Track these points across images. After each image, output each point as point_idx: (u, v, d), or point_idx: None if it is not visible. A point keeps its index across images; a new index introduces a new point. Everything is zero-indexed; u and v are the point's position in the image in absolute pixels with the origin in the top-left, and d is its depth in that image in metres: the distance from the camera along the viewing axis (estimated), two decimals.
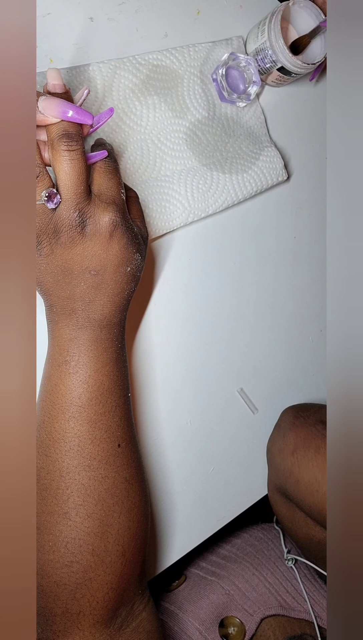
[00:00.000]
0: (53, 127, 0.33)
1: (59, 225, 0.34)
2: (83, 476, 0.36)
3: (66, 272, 0.36)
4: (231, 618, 0.49)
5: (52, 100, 0.33)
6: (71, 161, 0.33)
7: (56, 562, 0.35)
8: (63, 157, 0.33)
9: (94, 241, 0.35)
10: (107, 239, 0.35)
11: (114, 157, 0.38)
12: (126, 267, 0.37)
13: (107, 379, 0.37)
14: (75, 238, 0.34)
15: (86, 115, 0.33)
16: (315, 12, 0.50)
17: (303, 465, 0.47)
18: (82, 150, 0.34)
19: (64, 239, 0.34)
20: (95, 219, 0.35)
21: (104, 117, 0.36)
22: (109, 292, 0.37)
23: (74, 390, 0.36)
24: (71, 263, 0.35)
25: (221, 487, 0.52)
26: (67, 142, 0.33)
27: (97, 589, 0.36)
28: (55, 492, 0.36)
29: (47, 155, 0.35)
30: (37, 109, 0.33)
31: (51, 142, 0.33)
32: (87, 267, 0.35)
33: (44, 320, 0.41)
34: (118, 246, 0.36)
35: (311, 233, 0.58)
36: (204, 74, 0.49)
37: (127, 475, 0.38)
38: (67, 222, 0.34)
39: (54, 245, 0.35)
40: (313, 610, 0.50)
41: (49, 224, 0.34)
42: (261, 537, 0.60)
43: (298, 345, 0.58)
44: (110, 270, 0.36)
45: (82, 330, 0.37)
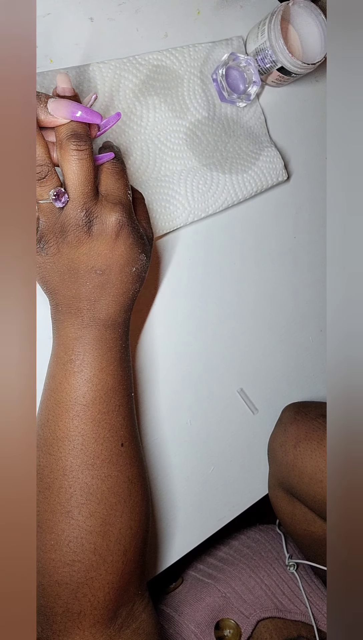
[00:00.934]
0: (62, 127, 0.34)
1: (66, 225, 0.34)
2: (86, 475, 0.36)
3: (72, 272, 0.36)
4: (227, 620, 0.49)
5: (61, 101, 0.33)
6: (79, 161, 0.33)
7: (57, 561, 0.35)
8: (72, 157, 0.33)
9: (100, 241, 0.35)
10: (114, 239, 0.35)
11: (122, 159, 0.38)
12: (132, 267, 0.37)
13: (111, 378, 0.38)
14: (81, 237, 0.35)
15: (94, 115, 0.34)
16: (315, 12, 0.50)
17: (307, 457, 0.47)
18: (90, 150, 0.34)
19: (71, 238, 0.35)
20: (102, 219, 0.35)
21: (111, 122, 0.37)
22: (115, 292, 0.37)
23: (79, 389, 0.37)
24: (77, 262, 0.35)
25: (221, 487, 0.52)
26: (76, 142, 0.33)
27: (98, 589, 0.36)
28: (58, 491, 0.36)
29: (55, 155, 0.35)
30: (46, 111, 0.33)
31: (60, 142, 0.34)
32: (93, 267, 0.36)
33: (44, 319, 0.41)
34: (124, 246, 0.36)
35: (311, 233, 0.58)
36: (205, 74, 0.49)
37: (129, 474, 0.38)
38: (74, 222, 0.34)
39: (60, 244, 0.35)
40: (311, 613, 0.50)
41: (56, 223, 0.35)
42: (259, 538, 0.60)
43: (298, 345, 0.58)
44: (116, 270, 0.36)
45: (87, 330, 0.37)
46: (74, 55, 0.44)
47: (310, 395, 0.58)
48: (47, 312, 0.41)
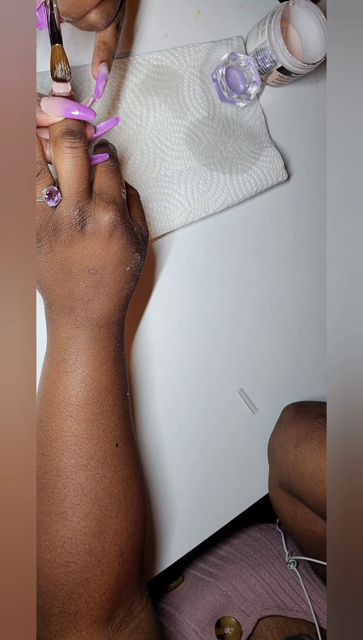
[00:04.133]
0: (57, 125, 0.33)
1: (59, 223, 0.34)
2: (80, 475, 0.36)
3: (65, 271, 0.36)
4: (228, 618, 0.49)
5: (55, 99, 0.33)
6: (73, 158, 0.33)
7: (52, 562, 0.35)
8: (66, 155, 0.33)
9: (93, 240, 0.35)
10: (107, 238, 0.35)
11: (116, 157, 0.38)
12: (126, 266, 0.37)
13: (105, 378, 0.37)
14: (75, 236, 0.35)
15: (88, 112, 0.33)
16: (315, 12, 0.50)
17: (307, 457, 0.47)
18: (85, 148, 0.34)
19: (64, 237, 0.34)
20: (95, 218, 0.35)
21: (108, 125, 0.37)
22: (108, 291, 0.37)
23: (72, 389, 0.36)
24: (70, 261, 0.35)
25: (221, 487, 0.52)
26: (71, 139, 0.33)
27: (94, 589, 0.36)
28: (52, 492, 0.36)
29: (48, 152, 0.35)
30: (39, 109, 0.33)
31: (54, 139, 0.33)
32: (87, 266, 0.35)
33: (39, 319, 0.41)
34: (118, 245, 0.36)
35: (311, 233, 0.58)
36: (205, 74, 0.49)
37: (125, 475, 0.38)
38: (67, 220, 0.34)
39: (53, 243, 0.35)
40: (313, 611, 0.50)
41: (49, 222, 0.34)
42: (259, 537, 0.60)
43: (298, 345, 0.58)
44: (109, 269, 0.36)
45: (81, 329, 0.37)
46: (74, 55, 0.44)
47: (310, 395, 0.58)
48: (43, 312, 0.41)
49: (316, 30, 0.50)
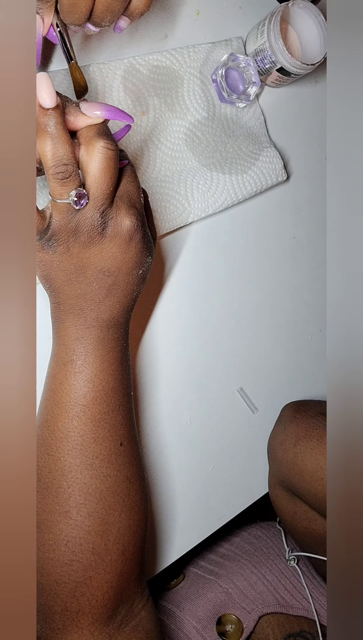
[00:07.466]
0: (91, 127, 0.33)
1: (81, 224, 0.34)
2: (85, 475, 0.36)
3: (80, 271, 0.36)
4: (229, 616, 0.49)
5: (94, 103, 0.34)
6: (107, 160, 0.33)
7: (55, 561, 0.35)
8: (101, 154, 0.33)
9: (113, 243, 0.35)
10: (127, 242, 0.35)
11: (132, 163, 0.38)
12: (139, 269, 0.37)
13: (112, 378, 0.38)
14: (94, 238, 0.35)
15: (128, 116, 0.35)
16: (315, 12, 0.50)
17: (307, 455, 0.47)
18: (117, 152, 0.34)
19: (84, 238, 0.34)
20: (117, 221, 0.35)
21: (120, 134, 0.37)
22: (120, 293, 0.37)
23: (79, 390, 0.37)
24: (86, 262, 0.35)
25: (221, 486, 0.52)
26: (107, 140, 0.33)
27: (96, 588, 0.36)
28: (56, 491, 0.36)
29: (78, 154, 0.34)
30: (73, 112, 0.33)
31: (88, 139, 0.33)
32: (103, 268, 0.36)
33: (43, 318, 0.41)
34: (135, 250, 0.36)
35: (311, 233, 0.58)
36: (204, 75, 0.50)
37: (128, 473, 0.38)
38: (89, 222, 0.34)
39: (71, 243, 0.35)
40: (314, 608, 0.50)
41: (70, 222, 0.34)
42: (260, 535, 0.60)
43: (298, 345, 0.58)
44: (124, 272, 0.36)
45: (90, 330, 0.37)
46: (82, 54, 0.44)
47: (310, 395, 0.59)
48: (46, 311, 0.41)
49: (316, 31, 0.50)
